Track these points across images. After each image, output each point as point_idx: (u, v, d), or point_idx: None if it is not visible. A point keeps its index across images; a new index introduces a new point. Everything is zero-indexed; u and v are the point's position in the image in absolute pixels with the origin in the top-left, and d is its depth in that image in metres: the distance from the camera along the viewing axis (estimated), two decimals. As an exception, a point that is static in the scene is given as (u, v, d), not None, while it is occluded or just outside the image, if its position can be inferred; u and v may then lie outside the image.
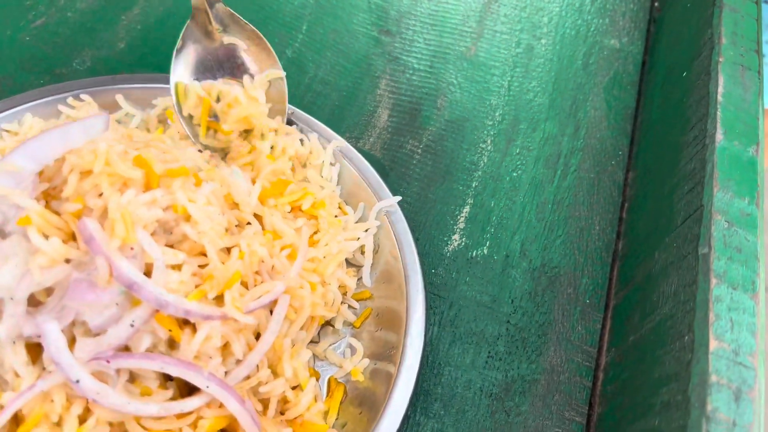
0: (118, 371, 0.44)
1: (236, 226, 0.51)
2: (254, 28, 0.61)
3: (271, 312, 0.50)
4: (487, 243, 0.64)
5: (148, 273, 0.44)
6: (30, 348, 0.44)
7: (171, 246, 0.47)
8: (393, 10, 0.82)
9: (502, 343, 0.58)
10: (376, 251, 0.58)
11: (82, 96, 0.60)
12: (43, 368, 0.44)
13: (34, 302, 0.44)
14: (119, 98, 0.61)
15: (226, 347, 0.48)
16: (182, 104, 0.58)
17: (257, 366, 0.48)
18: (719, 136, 0.54)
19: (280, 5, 0.79)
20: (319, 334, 0.55)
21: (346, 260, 0.58)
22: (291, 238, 0.53)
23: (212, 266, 0.47)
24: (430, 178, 0.68)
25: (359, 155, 0.61)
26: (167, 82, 0.59)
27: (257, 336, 0.49)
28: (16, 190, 0.42)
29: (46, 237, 0.43)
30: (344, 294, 0.56)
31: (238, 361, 0.48)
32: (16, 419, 0.44)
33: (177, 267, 0.46)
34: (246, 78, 0.61)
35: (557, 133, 0.73)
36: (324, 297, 0.54)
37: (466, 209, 0.66)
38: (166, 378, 0.47)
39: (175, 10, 0.76)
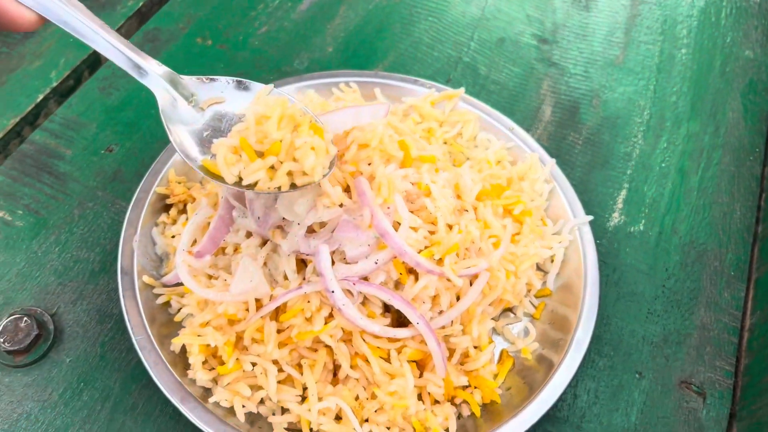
0: (358, 293, 0.57)
1: (457, 210, 0.63)
2: (229, 77, 0.57)
3: (471, 284, 0.61)
4: (643, 221, 0.75)
5: (394, 228, 0.58)
6: (297, 262, 0.58)
7: (411, 212, 0.60)
8: (548, 22, 0.94)
9: (659, 303, 0.69)
10: (563, 262, 0.67)
11: (351, 84, 0.75)
12: (304, 278, 0.58)
13: (308, 229, 0.58)
14: (377, 91, 0.75)
15: (435, 298, 0.59)
16: (225, 174, 0.53)
17: (452, 321, 0.60)
18: None
19: (454, 17, 0.93)
20: (500, 315, 0.66)
21: (537, 265, 0.68)
22: (498, 230, 0.64)
23: (440, 235, 0.59)
24: (590, 165, 0.79)
25: (564, 177, 0.71)
26: (414, 83, 0.75)
27: (457, 297, 0.61)
28: None
29: (332, 185, 0.57)
30: (529, 291, 0.67)
31: (441, 312, 0.60)
32: (278, 310, 0.57)
33: (415, 228, 0.58)
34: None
35: (699, 131, 0.84)
36: (514, 287, 0.64)
37: (623, 192, 0.77)
38: (386, 309, 0.59)
39: (369, 20, 0.91)
